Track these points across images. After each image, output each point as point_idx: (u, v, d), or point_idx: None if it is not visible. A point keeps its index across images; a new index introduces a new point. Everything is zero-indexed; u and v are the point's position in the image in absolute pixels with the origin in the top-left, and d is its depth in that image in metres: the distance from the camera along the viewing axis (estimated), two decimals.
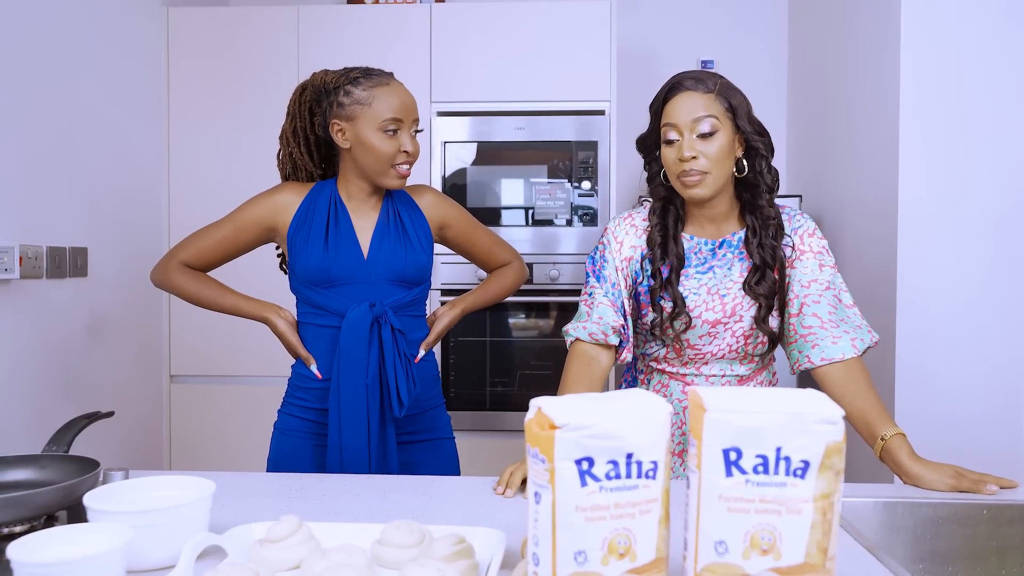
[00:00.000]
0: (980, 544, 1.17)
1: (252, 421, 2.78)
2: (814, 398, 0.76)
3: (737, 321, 1.41)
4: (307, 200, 1.55)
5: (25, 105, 2.09)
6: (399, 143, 1.49)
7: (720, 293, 1.42)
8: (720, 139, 1.36)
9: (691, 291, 1.42)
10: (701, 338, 1.43)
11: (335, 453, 1.48)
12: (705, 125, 1.35)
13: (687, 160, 1.35)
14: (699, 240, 1.46)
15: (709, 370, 1.47)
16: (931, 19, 2.13)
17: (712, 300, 1.42)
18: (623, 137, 2.75)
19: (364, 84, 1.49)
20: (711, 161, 1.35)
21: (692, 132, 1.35)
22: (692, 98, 1.37)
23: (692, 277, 1.44)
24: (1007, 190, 2.11)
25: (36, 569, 0.78)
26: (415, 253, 1.56)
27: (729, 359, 1.45)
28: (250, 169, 2.82)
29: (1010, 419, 2.12)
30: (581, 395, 0.76)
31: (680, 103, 1.37)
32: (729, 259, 1.44)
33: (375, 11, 2.83)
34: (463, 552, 0.89)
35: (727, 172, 1.39)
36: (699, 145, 1.35)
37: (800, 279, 1.41)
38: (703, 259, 1.45)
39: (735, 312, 1.41)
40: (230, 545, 0.92)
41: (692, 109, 1.36)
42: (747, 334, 1.42)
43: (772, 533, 0.72)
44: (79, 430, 1.25)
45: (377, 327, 1.49)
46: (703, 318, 1.41)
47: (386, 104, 1.48)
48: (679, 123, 1.36)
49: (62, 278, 2.24)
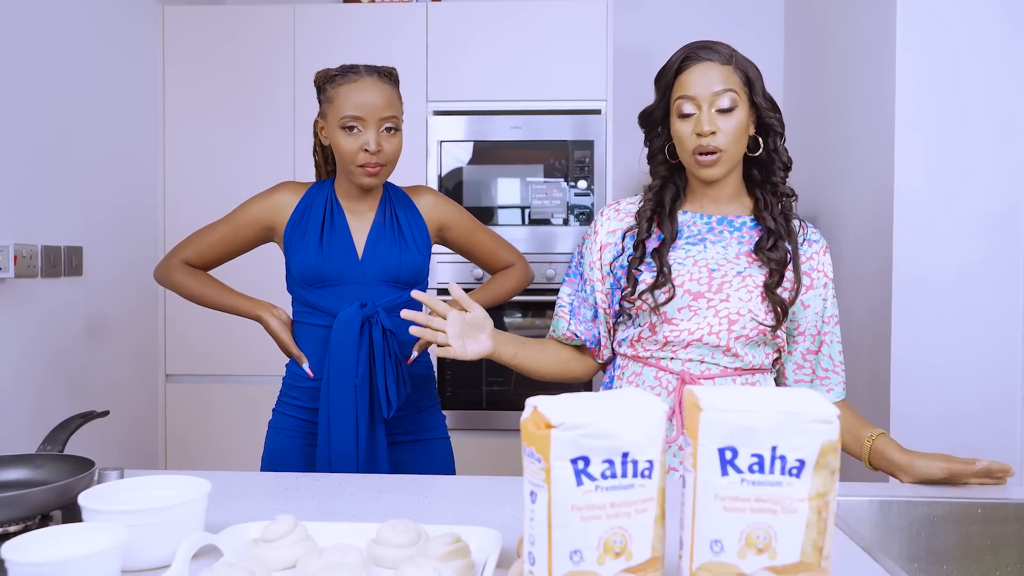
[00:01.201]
0: (975, 543, 1.17)
1: (248, 421, 2.78)
2: (809, 397, 0.76)
3: (723, 300, 1.31)
4: (304, 199, 1.55)
5: (20, 104, 2.08)
6: (361, 141, 1.46)
7: (709, 267, 1.33)
8: (738, 115, 1.29)
9: (676, 261, 1.34)
10: (680, 311, 1.32)
11: (324, 452, 1.48)
12: (725, 100, 1.28)
13: (706, 135, 1.28)
14: (694, 215, 1.39)
15: (687, 354, 1.33)
16: (927, 18, 2.13)
17: (698, 272, 1.33)
18: (619, 136, 2.75)
19: (336, 81, 1.49)
20: (728, 138, 1.28)
21: (711, 106, 1.28)
22: (710, 69, 1.29)
23: (680, 248, 1.36)
24: (1003, 188, 2.12)
25: (31, 569, 0.78)
26: (410, 254, 1.55)
27: (710, 345, 1.32)
28: (246, 168, 2.81)
29: (1006, 417, 2.13)
30: (577, 395, 0.76)
31: (697, 74, 1.29)
32: (726, 237, 1.37)
33: (371, 10, 2.83)
34: (459, 551, 0.89)
35: (741, 151, 1.33)
36: (718, 120, 1.28)
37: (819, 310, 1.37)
38: (696, 232, 1.38)
39: (721, 289, 1.31)
40: (226, 545, 0.92)
41: (711, 81, 1.28)
42: (732, 319, 1.31)
43: (768, 532, 0.72)
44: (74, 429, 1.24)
45: (368, 327, 1.49)
46: (685, 288, 1.32)
47: (346, 101, 1.46)
48: (697, 95, 1.29)
49: (57, 277, 2.23)
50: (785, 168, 1.37)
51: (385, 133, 1.48)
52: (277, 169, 2.80)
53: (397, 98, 1.53)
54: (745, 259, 1.34)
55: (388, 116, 1.48)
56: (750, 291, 1.31)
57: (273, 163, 2.81)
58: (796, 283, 1.34)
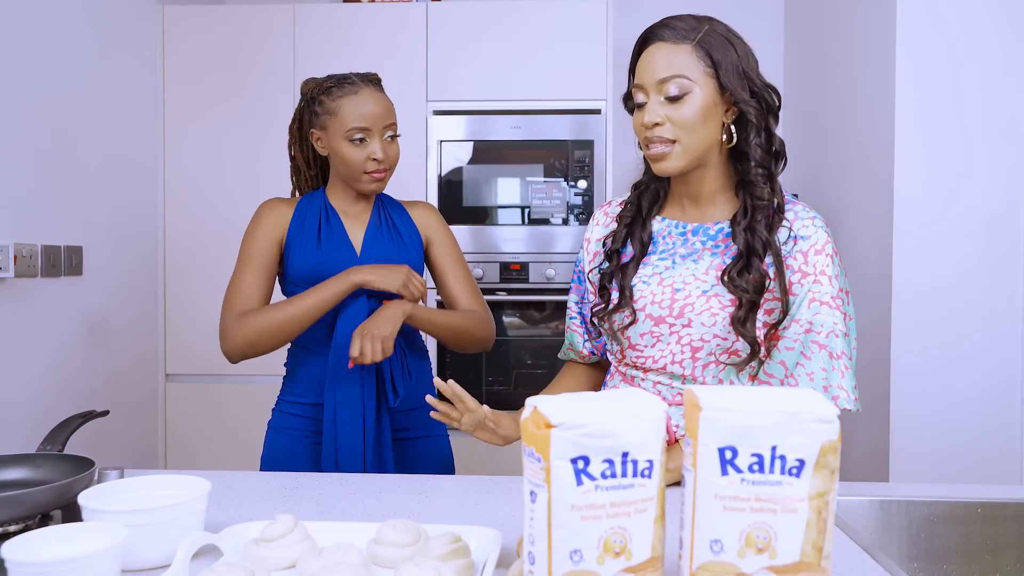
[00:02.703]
0: (975, 542, 1.17)
1: (248, 420, 2.77)
2: (809, 397, 0.76)
3: (685, 326, 1.18)
4: (298, 211, 1.57)
5: (20, 103, 2.08)
6: (368, 151, 1.49)
7: (674, 287, 1.20)
8: (693, 102, 1.13)
9: (642, 279, 1.22)
10: (643, 336, 1.22)
11: (329, 446, 1.48)
12: (672, 87, 1.13)
13: (648, 127, 1.16)
14: (671, 222, 1.26)
15: (656, 377, 1.23)
16: (927, 18, 2.13)
17: (661, 293, 1.20)
18: (619, 136, 2.75)
19: (334, 93, 1.51)
20: (680, 128, 1.14)
21: (659, 94, 1.15)
22: (662, 51, 1.14)
23: (650, 264, 1.24)
24: (1002, 188, 2.12)
25: (31, 568, 0.78)
26: (408, 251, 1.57)
27: (675, 374, 1.21)
28: (246, 167, 2.82)
29: (1006, 417, 2.13)
30: (577, 394, 0.76)
31: (647, 59, 1.16)
32: (698, 249, 1.22)
33: (371, 9, 2.83)
34: (459, 551, 0.89)
35: (705, 142, 1.16)
36: (665, 109, 1.14)
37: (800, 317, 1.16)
38: (669, 245, 1.24)
39: (683, 314, 1.18)
40: (225, 544, 0.92)
41: (657, 67, 1.14)
42: (696, 346, 1.18)
43: (767, 532, 0.72)
44: (74, 429, 1.24)
45: None
46: (647, 311, 1.20)
47: (351, 113, 1.48)
48: (644, 83, 1.16)
49: (57, 277, 2.23)
50: (761, 165, 1.18)
51: (388, 140, 1.52)
52: (277, 169, 2.78)
53: (391, 104, 1.55)
54: (715, 274, 1.19)
55: (390, 124, 1.52)
56: (714, 314, 1.17)
57: (273, 163, 2.80)
58: (783, 306, 1.16)
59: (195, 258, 2.82)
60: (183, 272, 2.84)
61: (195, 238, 2.82)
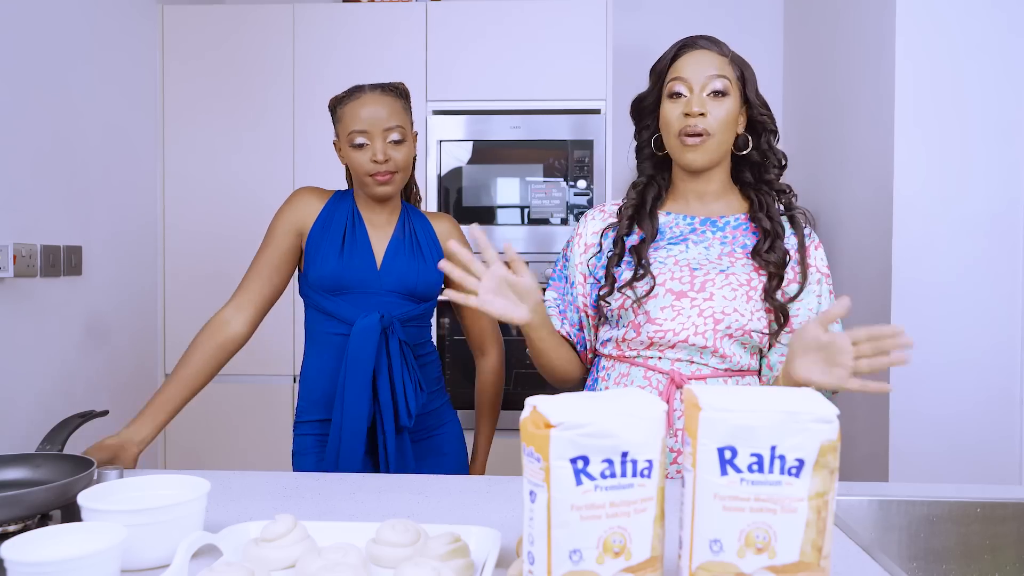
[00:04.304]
0: (974, 542, 1.17)
1: (247, 420, 2.78)
2: (809, 397, 0.76)
3: (707, 299, 1.29)
4: (328, 207, 1.57)
5: (19, 103, 2.08)
6: (369, 154, 1.49)
7: (691, 266, 1.31)
8: (729, 103, 1.30)
9: (657, 260, 1.33)
10: (663, 310, 1.30)
11: (332, 454, 1.48)
12: (718, 83, 1.29)
13: (694, 116, 1.28)
14: (677, 216, 1.38)
15: (675, 354, 1.30)
16: (927, 19, 2.13)
17: (680, 271, 1.31)
18: (619, 136, 2.75)
19: (344, 102, 1.53)
20: (717, 123, 1.29)
21: (703, 90, 1.29)
22: (706, 56, 1.31)
23: (661, 248, 1.34)
24: (1002, 188, 2.12)
25: (30, 568, 0.78)
26: (427, 269, 1.57)
27: (697, 346, 1.29)
28: (246, 167, 2.81)
29: (1006, 417, 2.13)
30: (577, 394, 0.76)
31: (693, 59, 1.31)
32: (708, 237, 1.35)
33: (371, 9, 2.83)
34: (459, 551, 0.89)
35: (728, 142, 1.32)
36: (709, 104, 1.29)
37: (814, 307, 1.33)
38: (679, 232, 1.36)
39: (704, 287, 1.29)
40: (225, 544, 0.92)
41: (705, 66, 1.30)
42: (717, 318, 1.28)
43: (767, 532, 0.72)
44: (73, 429, 1.24)
45: (385, 337, 1.50)
46: (667, 287, 1.30)
47: (351, 118, 1.50)
48: (690, 78, 1.30)
49: (56, 277, 2.23)
50: (780, 166, 1.37)
51: (392, 144, 1.51)
52: (277, 168, 2.80)
53: (402, 109, 1.55)
54: (728, 259, 1.32)
55: (392, 126, 1.51)
56: (734, 289, 1.29)
57: (273, 162, 2.81)
58: (803, 277, 1.33)
59: (195, 257, 2.82)
60: (183, 271, 2.84)
61: (195, 237, 2.82)
